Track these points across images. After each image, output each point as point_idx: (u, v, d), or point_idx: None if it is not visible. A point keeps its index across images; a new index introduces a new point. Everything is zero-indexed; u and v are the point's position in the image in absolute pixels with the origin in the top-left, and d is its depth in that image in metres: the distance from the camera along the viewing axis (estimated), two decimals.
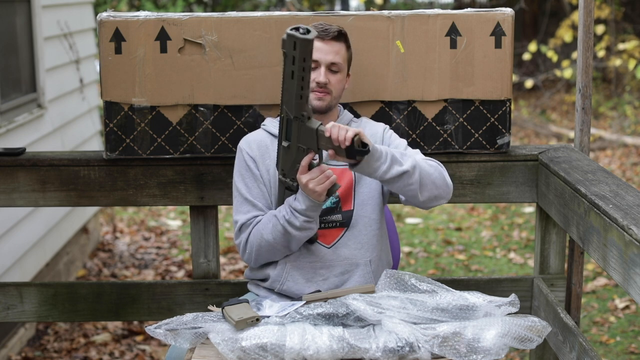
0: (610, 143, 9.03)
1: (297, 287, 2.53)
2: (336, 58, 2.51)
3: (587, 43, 2.94)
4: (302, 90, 2.28)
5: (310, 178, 2.36)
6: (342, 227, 2.55)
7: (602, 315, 4.72)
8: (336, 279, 2.54)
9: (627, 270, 2.10)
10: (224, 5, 11.85)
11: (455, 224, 6.68)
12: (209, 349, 2.19)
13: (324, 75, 2.49)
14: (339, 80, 2.53)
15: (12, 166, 2.97)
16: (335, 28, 2.52)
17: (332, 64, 2.50)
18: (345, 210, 2.55)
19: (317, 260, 2.53)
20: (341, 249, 2.54)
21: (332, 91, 2.52)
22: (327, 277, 2.53)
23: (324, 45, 2.50)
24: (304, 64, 2.23)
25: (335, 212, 2.54)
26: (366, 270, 2.55)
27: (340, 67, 2.52)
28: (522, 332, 2.17)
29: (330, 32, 2.51)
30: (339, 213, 2.54)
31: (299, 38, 2.19)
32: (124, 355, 4.36)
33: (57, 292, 3.09)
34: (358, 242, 2.55)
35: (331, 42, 2.50)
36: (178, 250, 6.16)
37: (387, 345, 2.12)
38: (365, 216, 2.56)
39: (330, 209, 2.54)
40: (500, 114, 2.91)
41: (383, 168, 2.34)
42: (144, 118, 2.88)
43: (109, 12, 2.84)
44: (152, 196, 2.97)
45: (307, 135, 2.35)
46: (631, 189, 2.43)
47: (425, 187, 2.42)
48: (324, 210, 2.53)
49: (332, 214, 2.54)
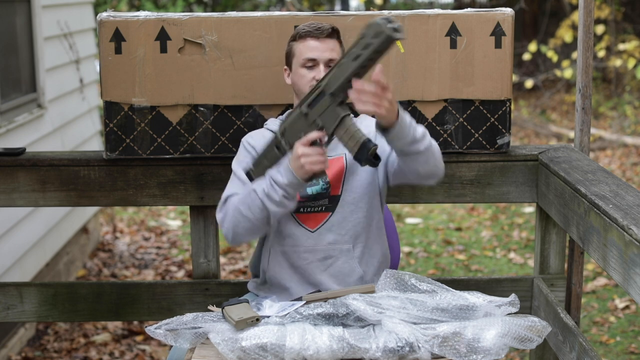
0: (610, 143, 9.03)
1: (283, 272, 2.56)
2: (332, 54, 2.52)
3: (587, 43, 2.94)
4: (356, 76, 2.25)
5: (305, 153, 2.33)
6: (327, 211, 2.56)
7: (602, 315, 4.72)
8: (320, 263, 2.55)
9: (627, 270, 2.10)
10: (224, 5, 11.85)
11: (455, 224, 6.68)
12: (209, 349, 2.19)
13: (324, 72, 2.49)
14: None
15: (12, 166, 2.97)
16: (328, 26, 2.54)
17: (329, 60, 2.51)
18: (332, 195, 2.56)
19: (300, 244, 2.55)
20: (325, 234, 2.56)
21: None
22: (310, 260, 2.55)
23: (320, 44, 2.51)
24: (375, 55, 2.19)
25: (323, 197, 2.56)
26: (349, 256, 2.56)
27: None
28: (522, 332, 2.17)
29: (324, 30, 2.53)
30: (326, 198, 2.56)
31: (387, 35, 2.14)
32: (124, 355, 4.36)
33: (57, 292, 3.09)
34: (342, 228, 2.56)
35: (326, 40, 2.52)
36: (178, 250, 6.16)
37: (387, 345, 2.12)
38: (352, 203, 2.57)
39: (320, 194, 2.55)
40: (500, 114, 2.91)
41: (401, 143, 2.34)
42: (144, 118, 2.88)
43: (109, 12, 2.84)
44: (152, 196, 2.97)
45: (331, 116, 2.33)
46: (631, 189, 2.43)
47: (427, 161, 2.43)
48: (313, 195, 2.54)
49: (319, 199, 2.56)
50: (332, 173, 2.56)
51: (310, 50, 2.51)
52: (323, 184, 2.55)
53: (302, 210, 2.55)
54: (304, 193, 2.54)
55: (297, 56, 2.54)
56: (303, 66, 2.52)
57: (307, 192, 2.54)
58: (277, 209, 2.41)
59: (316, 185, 2.55)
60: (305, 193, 2.54)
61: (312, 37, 2.52)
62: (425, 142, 2.40)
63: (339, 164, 2.58)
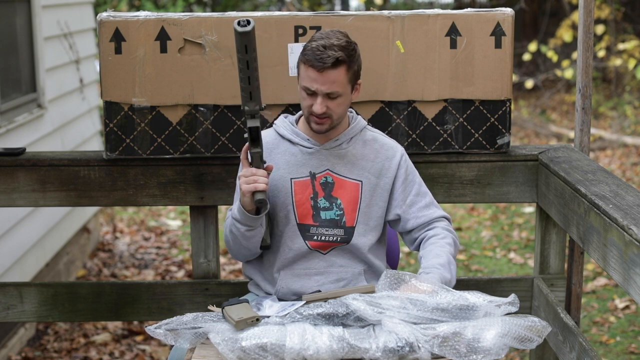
0: (610, 143, 9.03)
1: (292, 292, 2.54)
2: (332, 87, 2.40)
3: (587, 43, 2.94)
4: (242, 83, 2.30)
5: (242, 174, 2.39)
6: (342, 242, 2.54)
7: (602, 315, 4.72)
8: (331, 285, 2.54)
9: (627, 270, 2.10)
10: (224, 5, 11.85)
11: (455, 224, 6.68)
12: (209, 349, 2.19)
13: (320, 105, 2.41)
14: (340, 104, 2.45)
15: (12, 166, 2.97)
16: (333, 57, 2.37)
17: (328, 94, 2.42)
18: (348, 227, 2.53)
19: (312, 267, 2.54)
20: (337, 256, 2.55)
21: (331, 115, 2.45)
22: (322, 282, 2.54)
23: (319, 76, 2.39)
24: (239, 55, 2.25)
25: (337, 226, 2.53)
26: (360, 279, 2.56)
27: (339, 94, 2.43)
28: (522, 332, 2.17)
29: (326, 62, 2.37)
30: (342, 227, 2.53)
31: (234, 29, 2.23)
32: (124, 355, 4.36)
33: (57, 292, 3.09)
34: (354, 254, 2.56)
35: (327, 72, 2.38)
36: (178, 250, 6.16)
37: (387, 345, 2.12)
38: (365, 234, 2.55)
39: (334, 220, 2.52)
40: (500, 114, 2.91)
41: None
42: (144, 118, 2.88)
43: (109, 12, 2.84)
44: (152, 196, 2.97)
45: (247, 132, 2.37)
46: (631, 189, 2.43)
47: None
48: (327, 220, 2.52)
49: (334, 228, 2.53)
50: (346, 199, 2.53)
51: (310, 81, 2.40)
52: (337, 210, 2.52)
53: (315, 239, 2.53)
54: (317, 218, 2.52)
55: (300, 76, 2.45)
56: (303, 90, 2.45)
57: (321, 216, 2.52)
58: (247, 243, 2.49)
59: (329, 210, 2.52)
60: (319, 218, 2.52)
61: (313, 68, 2.39)
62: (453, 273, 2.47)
63: (354, 190, 2.54)
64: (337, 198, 2.52)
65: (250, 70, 2.28)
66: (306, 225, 2.52)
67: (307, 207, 2.52)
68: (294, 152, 2.55)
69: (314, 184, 2.52)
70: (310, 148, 2.53)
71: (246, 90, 2.31)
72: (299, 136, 2.55)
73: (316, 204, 2.52)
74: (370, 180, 2.54)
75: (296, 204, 2.51)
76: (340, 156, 2.54)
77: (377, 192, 2.55)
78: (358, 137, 2.57)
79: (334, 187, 2.53)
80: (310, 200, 2.52)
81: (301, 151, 2.54)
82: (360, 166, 2.54)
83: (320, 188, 2.52)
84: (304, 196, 2.52)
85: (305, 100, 2.45)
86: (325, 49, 2.37)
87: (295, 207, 2.51)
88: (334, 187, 2.53)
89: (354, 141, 2.56)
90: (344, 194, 2.52)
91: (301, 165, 2.53)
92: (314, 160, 2.53)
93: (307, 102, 2.44)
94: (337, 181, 2.53)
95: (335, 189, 2.53)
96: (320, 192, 2.52)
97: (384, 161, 2.56)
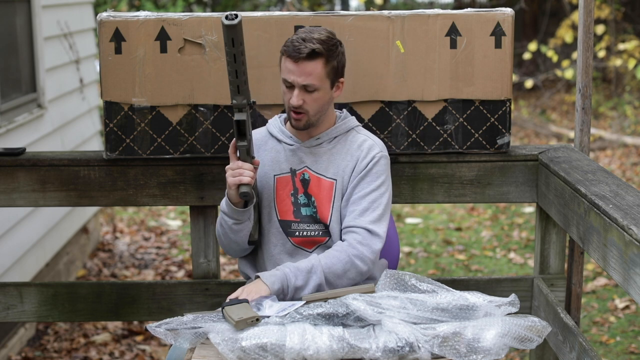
0: (610, 143, 9.03)
1: None
2: (308, 80, 2.41)
3: (587, 43, 2.94)
4: (230, 77, 2.32)
5: (229, 167, 2.44)
6: (324, 235, 2.56)
7: (602, 315, 4.72)
8: None
9: (627, 270, 2.10)
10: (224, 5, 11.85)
11: (455, 224, 6.68)
12: (209, 349, 2.19)
13: (297, 98, 2.43)
14: (317, 99, 2.46)
15: (12, 166, 2.97)
16: (309, 48, 2.39)
17: (304, 86, 2.43)
18: (322, 222, 2.55)
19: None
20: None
21: (308, 111, 2.46)
22: None
23: (296, 68, 2.41)
24: (227, 48, 2.27)
25: (316, 222, 2.55)
26: None
27: (315, 87, 2.44)
28: (522, 332, 2.17)
29: (301, 52, 2.39)
30: (319, 223, 2.55)
31: (222, 23, 2.24)
32: (124, 355, 4.36)
33: (57, 292, 3.09)
34: None
35: (303, 63, 2.40)
36: (178, 250, 6.16)
37: (387, 345, 2.12)
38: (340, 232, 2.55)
39: (312, 217, 2.54)
40: (500, 114, 2.91)
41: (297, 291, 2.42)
42: (144, 118, 2.88)
43: (109, 12, 2.84)
44: (152, 196, 2.97)
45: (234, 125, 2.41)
46: (631, 189, 2.43)
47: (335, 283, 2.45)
48: (307, 217, 2.53)
49: (314, 223, 2.55)
50: (320, 197, 2.54)
51: (287, 73, 2.43)
52: (312, 207, 2.54)
53: (297, 234, 2.55)
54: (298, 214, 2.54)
55: (281, 69, 2.48)
56: (283, 83, 2.47)
57: (301, 212, 2.54)
58: (235, 236, 2.53)
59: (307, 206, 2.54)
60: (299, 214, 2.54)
61: (290, 59, 2.41)
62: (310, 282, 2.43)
63: (329, 189, 2.55)
64: (312, 195, 2.55)
65: (237, 64, 2.30)
66: (287, 221, 2.55)
67: (287, 203, 2.55)
68: (278, 149, 2.59)
69: (294, 180, 2.55)
70: (292, 145, 2.57)
71: (234, 83, 2.34)
72: (283, 134, 2.59)
73: (296, 200, 2.55)
74: (344, 180, 2.54)
75: (277, 200, 2.56)
76: (319, 154, 2.56)
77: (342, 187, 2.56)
78: (342, 137, 2.58)
79: (310, 184, 2.55)
80: (291, 197, 2.55)
81: (284, 148, 2.57)
82: (336, 165, 2.55)
83: (300, 184, 2.55)
84: (284, 192, 2.55)
85: (285, 94, 2.48)
86: (304, 41, 2.41)
87: (276, 204, 2.55)
88: (310, 184, 2.55)
89: (337, 141, 2.57)
90: (318, 192, 2.54)
91: (283, 161, 2.57)
92: (295, 157, 2.56)
93: (287, 96, 2.47)
94: (313, 178, 2.55)
95: (311, 186, 2.55)
96: (300, 188, 2.55)
97: (355, 161, 2.55)
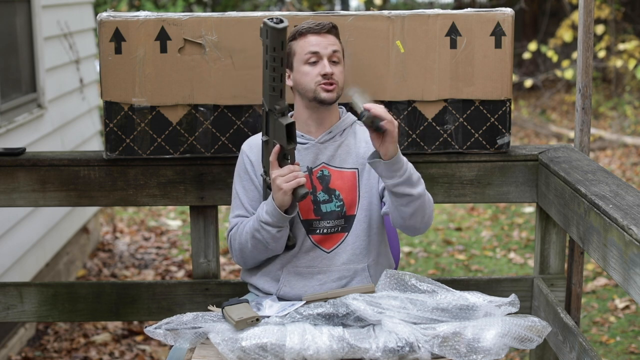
0: (610, 143, 9.03)
1: (294, 292, 2.54)
2: (335, 46, 2.52)
3: (587, 43, 2.94)
4: (274, 82, 2.32)
5: (278, 174, 2.38)
6: (343, 231, 2.54)
7: (602, 315, 4.72)
8: (333, 283, 2.54)
9: (627, 270, 2.10)
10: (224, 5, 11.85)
11: (455, 224, 6.68)
12: (209, 349, 2.19)
13: (328, 66, 2.48)
14: (341, 72, 2.53)
15: (12, 166, 2.97)
16: (327, 22, 2.54)
17: (333, 52, 2.50)
18: (349, 215, 2.55)
19: (315, 265, 2.54)
20: (340, 255, 2.55)
21: (337, 82, 2.51)
22: (324, 281, 2.54)
23: (322, 39, 2.50)
24: (274, 53, 2.27)
25: (339, 217, 2.54)
26: (364, 276, 2.55)
27: (339, 58, 2.52)
28: (522, 332, 2.17)
29: (324, 25, 2.52)
30: (342, 218, 2.54)
31: (270, 26, 2.24)
32: (124, 355, 4.36)
33: (57, 292, 3.09)
34: (357, 247, 2.55)
35: (327, 35, 2.52)
36: (178, 250, 6.16)
37: (387, 345, 2.12)
38: (366, 222, 2.56)
39: (335, 212, 2.53)
40: (500, 114, 2.91)
41: (394, 181, 2.36)
42: (144, 118, 2.88)
43: (109, 12, 2.84)
44: (152, 196, 2.97)
45: (279, 130, 2.38)
46: (631, 189, 2.43)
47: (414, 217, 2.44)
48: (328, 213, 2.53)
49: (335, 219, 2.54)
50: (345, 189, 2.55)
51: (313, 45, 2.49)
52: (336, 201, 2.54)
53: (318, 232, 2.54)
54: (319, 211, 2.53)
55: (298, 53, 2.51)
56: (306, 63, 2.49)
57: (322, 209, 2.53)
58: (275, 245, 2.48)
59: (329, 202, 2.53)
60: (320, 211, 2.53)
61: (313, 33, 2.51)
62: (419, 189, 2.40)
63: (352, 179, 2.56)
64: (335, 189, 2.54)
65: (283, 67, 2.31)
66: (309, 220, 2.54)
67: (307, 202, 2.53)
68: None
69: (311, 179, 2.54)
70: (305, 143, 2.56)
71: (277, 88, 2.33)
72: None
73: (316, 198, 2.53)
74: (365, 164, 2.55)
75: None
76: (333, 148, 2.56)
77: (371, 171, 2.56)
78: (350, 130, 2.61)
79: (331, 179, 2.55)
80: (310, 195, 2.53)
81: (297, 148, 2.55)
82: (354, 154, 2.57)
83: (317, 182, 2.54)
84: None
85: (309, 73, 2.48)
86: (318, 21, 2.55)
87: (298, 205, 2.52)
88: (331, 179, 2.55)
89: (347, 133, 2.60)
90: (342, 185, 2.54)
91: (299, 161, 2.54)
92: (310, 155, 2.55)
93: (313, 72, 2.48)
94: (334, 173, 2.55)
95: (332, 180, 2.55)
96: (318, 185, 2.54)
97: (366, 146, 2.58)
